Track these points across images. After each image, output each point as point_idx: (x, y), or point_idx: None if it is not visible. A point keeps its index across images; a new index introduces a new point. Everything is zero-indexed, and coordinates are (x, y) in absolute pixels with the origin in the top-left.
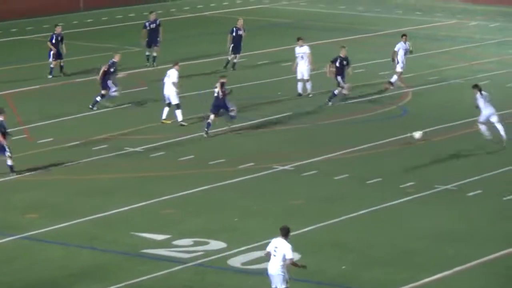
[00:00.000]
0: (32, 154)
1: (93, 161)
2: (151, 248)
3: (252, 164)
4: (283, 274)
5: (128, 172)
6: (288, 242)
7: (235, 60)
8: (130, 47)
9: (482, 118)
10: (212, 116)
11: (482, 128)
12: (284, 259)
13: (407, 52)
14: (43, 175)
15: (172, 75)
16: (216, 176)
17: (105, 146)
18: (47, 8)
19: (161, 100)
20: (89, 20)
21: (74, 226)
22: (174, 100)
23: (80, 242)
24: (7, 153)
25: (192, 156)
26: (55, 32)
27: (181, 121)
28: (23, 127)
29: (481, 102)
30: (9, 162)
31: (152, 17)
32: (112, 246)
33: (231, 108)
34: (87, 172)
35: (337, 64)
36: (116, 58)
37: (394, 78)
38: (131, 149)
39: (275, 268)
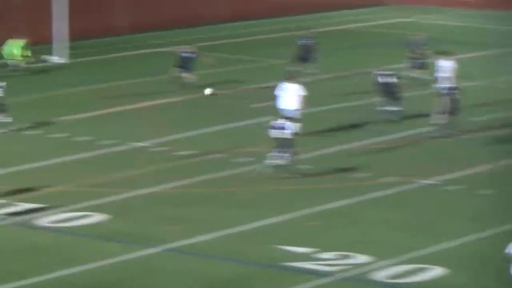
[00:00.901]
0: (173, 166)
1: (236, 173)
2: (294, 261)
3: (395, 177)
4: None
5: (271, 184)
6: None
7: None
8: (272, 59)
9: None
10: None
11: None
12: None
13: None
14: (184, 187)
15: (295, 89)
16: (358, 190)
17: (249, 159)
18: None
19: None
20: (229, 32)
21: (215, 239)
22: (296, 115)
23: (221, 254)
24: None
25: (333, 170)
26: (184, 50)
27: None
28: (163, 139)
29: None
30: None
31: (306, 32)
32: (254, 258)
33: None
34: (228, 184)
35: None
36: None
37: None
38: (274, 162)
39: None
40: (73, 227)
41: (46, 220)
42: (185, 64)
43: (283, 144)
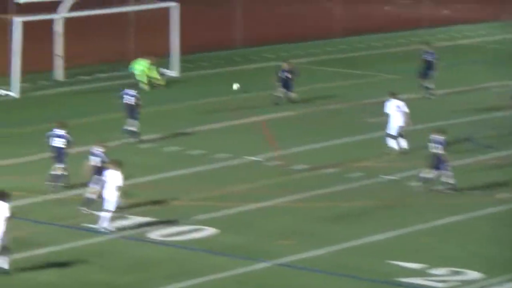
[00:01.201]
0: (286, 180)
1: (349, 188)
2: (407, 277)
3: (509, 194)
4: None
5: (383, 199)
6: None
7: None
8: (385, 74)
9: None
10: None
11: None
12: None
13: None
14: (297, 201)
15: (400, 106)
16: (472, 205)
17: (361, 174)
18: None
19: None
20: (344, 47)
21: (328, 254)
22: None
23: (334, 269)
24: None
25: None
26: (283, 68)
27: (402, 148)
28: (277, 153)
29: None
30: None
31: (428, 47)
32: (367, 274)
33: None
34: (341, 199)
35: None
36: None
37: None
38: (387, 177)
39: None
40: (184, 240)
41: (158, 234)
42: (285, 81)
43: (438, 158)
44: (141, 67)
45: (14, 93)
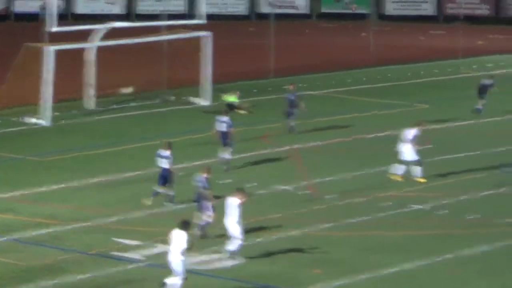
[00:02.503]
0: (317, 210)
1: (378, 217)
2: None
3: None
4: None
5: (412, 229)
6: None
7: None
8: (418, 104)
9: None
10: None
11: None
12: None
13: None
14: (328, 230)
15: (408, 135)
16: (502, 235)
17: (390, 203)
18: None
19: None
20: (378, 77)
21: (358, 282)
22: (414, 157)
23: None
24: None
25: (478, 215)
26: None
27: (418, 177)
28: (307, 182)
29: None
30: None
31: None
32: None
33: None
34: (371, 228)
35: None
36: None
37: None
38: (416, 207)
39: None
40: (213, 269)
41: (187, 262)
42: (290, 109)
43: None
44: (232, 98)
45: (45, 122)
